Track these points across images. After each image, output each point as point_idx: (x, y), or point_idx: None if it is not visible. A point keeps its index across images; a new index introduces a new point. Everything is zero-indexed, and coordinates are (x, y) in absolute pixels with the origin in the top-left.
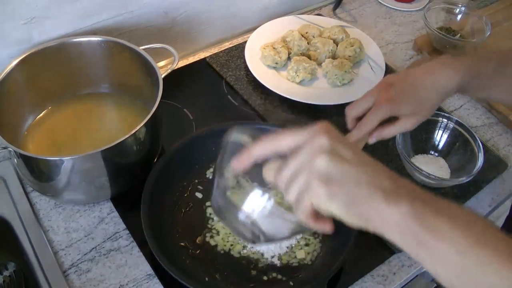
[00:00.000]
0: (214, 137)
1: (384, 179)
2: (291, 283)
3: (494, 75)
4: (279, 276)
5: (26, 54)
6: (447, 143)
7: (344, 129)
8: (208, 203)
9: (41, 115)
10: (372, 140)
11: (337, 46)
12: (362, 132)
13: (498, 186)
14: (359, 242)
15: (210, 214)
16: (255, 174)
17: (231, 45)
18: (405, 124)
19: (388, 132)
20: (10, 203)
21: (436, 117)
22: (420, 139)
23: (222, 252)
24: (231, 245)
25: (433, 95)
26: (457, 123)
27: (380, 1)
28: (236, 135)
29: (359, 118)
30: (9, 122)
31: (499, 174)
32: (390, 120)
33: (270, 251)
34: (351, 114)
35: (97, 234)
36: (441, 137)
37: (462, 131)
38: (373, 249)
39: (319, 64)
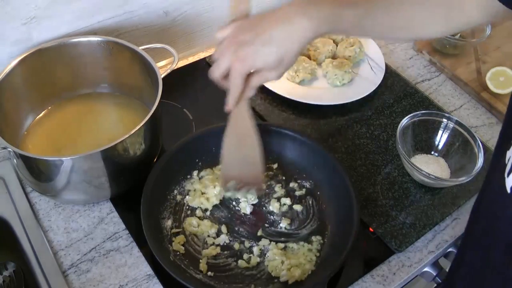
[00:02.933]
0: (214, 137)
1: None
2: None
3: (359, 22)
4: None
5: (26, 54)
6: (447, 143)
7: (343, 129)
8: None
9: (41, 115)
10: (250, 92)
11: (336, 46)
12: (235, 96)
13: None
14: (359, 242)
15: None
16: None
17: None
18: (269, 75)
19: (256, 81)
20: (10, 203)
21: (436, 117)
22: (420, 139)
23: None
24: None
25: (288, 47)
26: (457, 123)
27: None
28: None
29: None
30: (9, 122)
31: None
32: None
33: (271, 252)
34: (215, 77)
35: (96, 234)
36: (441, 137)
37: (462, 131)
38: (373, 249)
39: (319, 64)
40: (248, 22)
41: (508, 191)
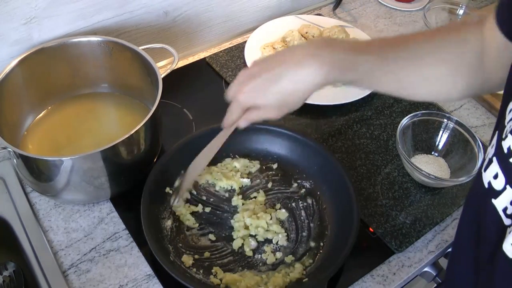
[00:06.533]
0: (214, 137)
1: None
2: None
3: (372, 72)
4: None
5: (26, 54)
6: (447, 143)
7: (343, 129)
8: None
9: (41, 115)
10: (242, 124)
11: None
12: (228, 122)
13: None
14: (359, 242)
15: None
16: None
17: (231, 45)
18: (269, 113)
19: (253, 117)
20: (10, 203)
21: (436, 117)
22: (420, 139)
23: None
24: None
25: (293, 89)
26: (457, 123)
27: (380, 1)
28: None
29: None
30: (9, 122)
31: None
32: None
33: (271, 252)
34: (227, 100)
35: (96, 234)
36: (441, 137)
37: (462, 131)
38: (373, 249)
39: None
40: (268, 56)
41: (486, 186)
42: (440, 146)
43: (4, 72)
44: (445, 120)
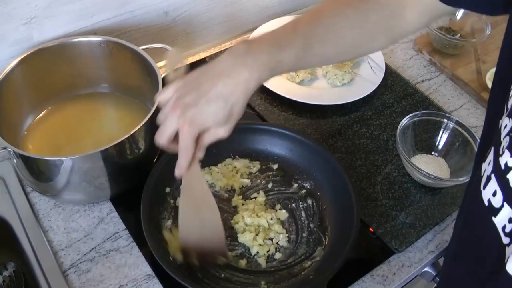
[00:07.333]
0: None
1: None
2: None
3: (299, 60)
4: (279, 277)
5: (26, 54)
6: (447, 143)
7: (343, 129)
8: None
9: (41, 115)
10: (202, 154)
11: None
12: (187, 159)
13: None
14: (359, 242)
15: None
16: None
17: (231, 45)
18: (219, 132)
19: (206, 141)
20: (10, 203)
21: (436, 117)
22: (420, 139)
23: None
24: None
25: (234, 101)
26: (457, 123)
27: None
28: None
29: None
30: (9, 122)
31: None
32: None
33: (270, 253)
34: (162, 142)
35: (96, 234)
36: (441, 137)
37: (462, 131)
38: (373, 249)
39: None
40: (188, 81)
41: (486, 203)
42: (440, 146)
43: (4, 72)
44: (445, 120)
